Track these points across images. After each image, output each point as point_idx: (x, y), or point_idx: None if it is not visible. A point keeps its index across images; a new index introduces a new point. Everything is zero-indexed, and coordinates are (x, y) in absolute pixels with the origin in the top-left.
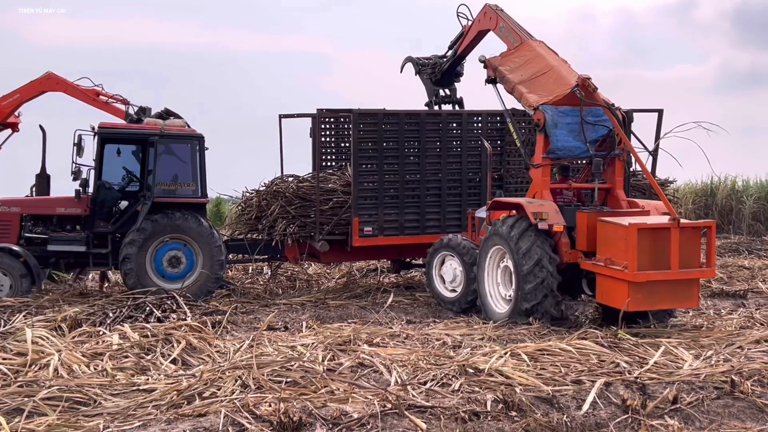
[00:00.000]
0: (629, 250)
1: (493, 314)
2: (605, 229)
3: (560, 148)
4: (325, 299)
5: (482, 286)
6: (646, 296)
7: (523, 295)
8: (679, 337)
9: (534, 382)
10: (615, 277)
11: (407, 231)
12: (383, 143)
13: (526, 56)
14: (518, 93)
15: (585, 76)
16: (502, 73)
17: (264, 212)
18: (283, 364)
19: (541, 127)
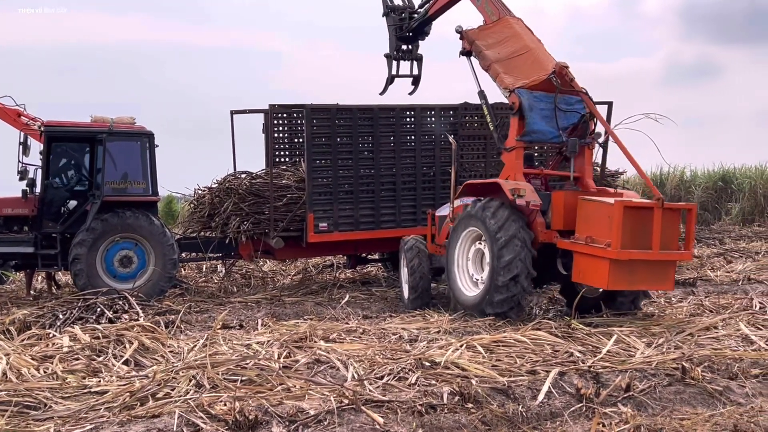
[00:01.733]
0: (613, 228)
1: (461, 298)
2: (587, 208)
3: (535, 131)
4: (280, 296)
5: (451, 271)
6: (626, 275)
7: (499, 270)
8: (631, 325)
9: (490, 373)
10: (595, 255)
11: (362, 226)
12: (337, 138)
13: (504, 33)
14: (494, 72)
15: (563, 63)
16: (479, 48)
17: (217, 210)
18: (238, 362)
19: (516, 110)
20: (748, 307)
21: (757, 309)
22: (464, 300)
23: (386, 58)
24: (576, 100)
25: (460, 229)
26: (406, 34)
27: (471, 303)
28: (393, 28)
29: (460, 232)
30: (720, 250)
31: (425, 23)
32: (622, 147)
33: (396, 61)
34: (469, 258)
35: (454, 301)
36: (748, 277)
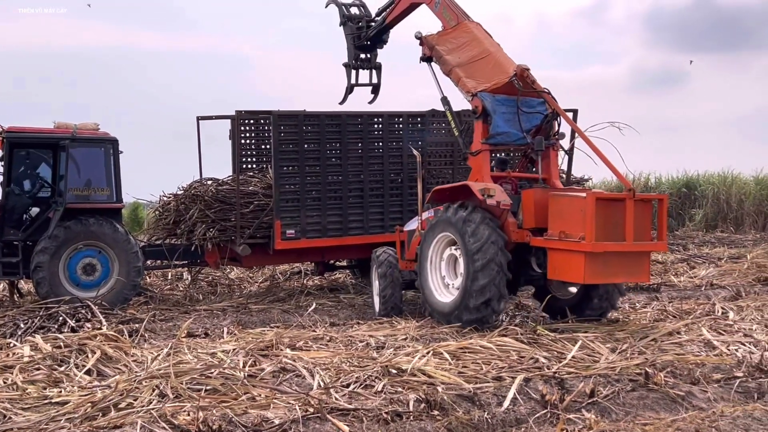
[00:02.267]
0: (587, 221)
1: (435, 305)
2: (559, 203)
3: (499, 133)
4: (247, 304)
5: (424, 277)
6: (602, 268)
7: (474, 275)
8: (595, 331)
9: (456, 380)
10: (570, 250)
11: (330, 233)
12: (304, 145)
13: (463, 38)
14: (456, 76)
15: (524, 66)
16: (439, 53)
17: (182, 217)
18: (202, 371)
19: (479, 114)
20: (710, 313)
21: (720, 314)
22: (436, 304)
23: (345, 68)
24: (538, 102)
25: (433, 234)
26: (365, 43)
27: (443, 309)
28: (351, 37)
29: (433, 236)
30: (683, 256)
31: (383, 31)
32: (590, 144)
33: (355, 70)
34: (442, 265)
35: (426, 303)
36: (711, 282)
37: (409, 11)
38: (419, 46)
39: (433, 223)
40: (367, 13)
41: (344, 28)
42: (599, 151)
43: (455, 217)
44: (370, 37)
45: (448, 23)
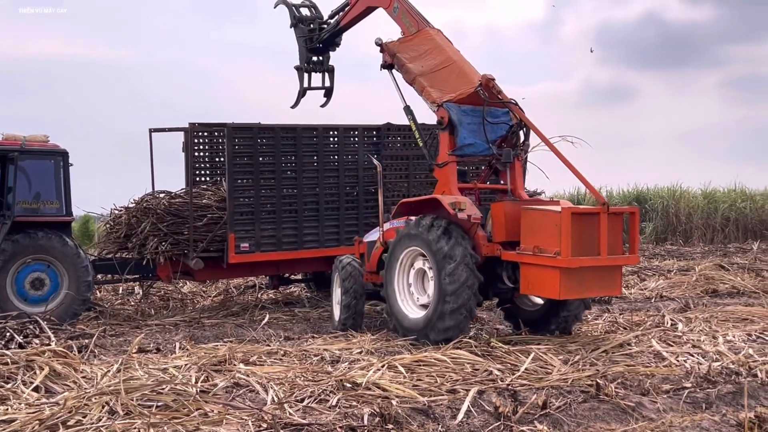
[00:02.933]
0: (563, 236)
1: (402, 320)
2: (532, 217)
3: (466, 144)
4: (200, 318)
5: (391, 291)
6: (577, 284)
7: (446, 297)
8: (548, 343)
9: (410, 393)
10: (545, 265)
11: (285, 246)
12: (259, 158)
13: (425, 45)
14: (419, 86)
15: (489, 76)
16: (401, 61)
17: (134, 230)
18: (153, 387)
19: (445, 125)
20: (660, 324)
21: (669, 326)
22: (403, 320)
23: (297, 71)
24: (502, 112)
25: (400, 248)
26: (317, 46)
27: (411, 325)
28: (302, 39)
29: (401, 250)
30: (634, 268)
31: (336, 34)
32: (559, 155)
33: (307, 73)
34: (410, 280)
35: (392, 318)
36: (661, 294)
37: (365, 15)
38: (380, 53)
39: (402, 236)
40: (319, 15)
41: (295, 29)
42: (571, 164)
43: (427, 232)
44: (323, 40)
45: (408, 29)
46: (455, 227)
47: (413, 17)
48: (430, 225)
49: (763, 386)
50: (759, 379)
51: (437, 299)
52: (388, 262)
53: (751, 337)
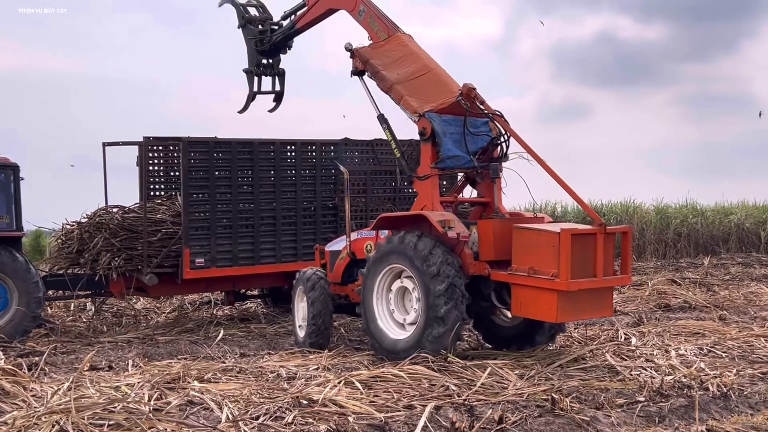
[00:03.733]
0: (562, 258)
1: (385, 341)
2: (525, 237)
3: (450, 157)
4: (153, 335)
5: (370, 311)
6: (573, 306)
7: (435, 318)
8: (504, 358)
9: (367, 409)
10: (541, 288)
11: (241, 262)
12: (215, 172)
13: (399, 51)
14: (397, 95)
15: (470, 85)
16: (375, 68)
17: (86, 245)
18: (105, 406)
19: (428, 136)
20: (614, 339)
21: (623, 340)
22: (384, 341)
23: (246, 74)
24: (481, 122)
25: (380, 265)
26: (267, 48)
27: (394, 346)
28: (252, 41)
29: (381, 268)
30: None
31: (291, 36)
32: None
33: (257, 76)
34: (391, 292)
35: (374, 343)
36: (615, 309)
37: (325, 17)
38: (350, 58)
39: (383, 252)
40: (268, 15)
41: (243, 31)
42: (563, 182)
43: (413, 250)
44: (275, 42)
45: (377, 34)
46: (441, 244)
47: (382, 22)
48: (416, 242)
49: (714, 399)
50: (710, 392)
51: (425, 320)
52: (366, 278)
53: (703, 350)
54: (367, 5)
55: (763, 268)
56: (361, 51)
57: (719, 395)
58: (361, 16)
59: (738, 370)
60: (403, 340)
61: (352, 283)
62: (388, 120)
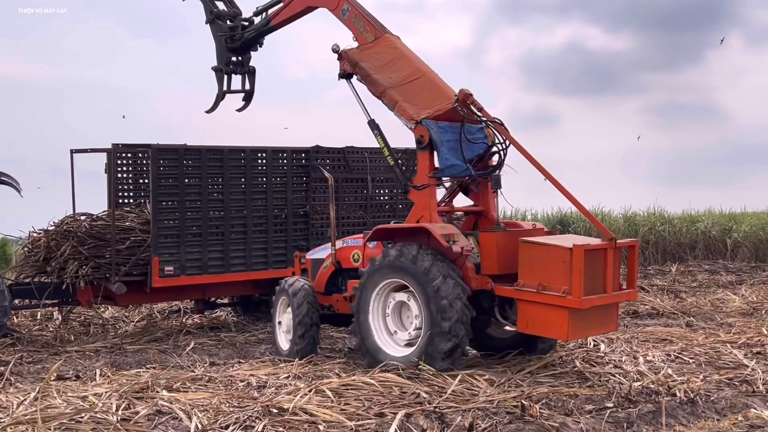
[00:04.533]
0: (575, 275)
1: (384, 359)
2: (533, 251)
3: (448, 166)
4: (122, 344)
5: (366, 326)
6: (582, 323)
7: (439, 335)
8: (474, 365)
9: (338, 418)
10: (551, 305)
11: (211, 270)
12: (185, 179)
13: (388, 54)
14: (390, 100)
15: (466, 91)
16: (366, 71)
17: (53, 253)
18: (72, 416)
19: (426, 144)
20: (583, 345)
21: (592, 346)
22: (384, 359)
23: (215, 72)
24: (477, 129)
25: (375, 279)
26: (238, 45)
27: (397, 361)
28: (222, 37)
29: (376, 282)
30: None
31: (264, 33)
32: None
33: (227, 75)
34: (388, 308)
35: (371, 360)
36: None
37: (303, 14)
38: (337, 60)
39: (380, 266)
40: (236, 9)
41: (212, 26)
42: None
43: (413, 264)
44: (247, 39)
45: (363, 35)
46: (443, 258)
47: (368, 22)
48: (416, 256)
49: (681, 405)
50: (678, 398)
51: (428, 337)
52: (362, 292)
53: (670, 356)
54: (351, 4)
55: (729, 275)
56: (349, 53)
57: (686, 401)
58: (344, 15)
59: (705, 375)
60: (403, 357)
61: (337, 293)
62: (379, 125)
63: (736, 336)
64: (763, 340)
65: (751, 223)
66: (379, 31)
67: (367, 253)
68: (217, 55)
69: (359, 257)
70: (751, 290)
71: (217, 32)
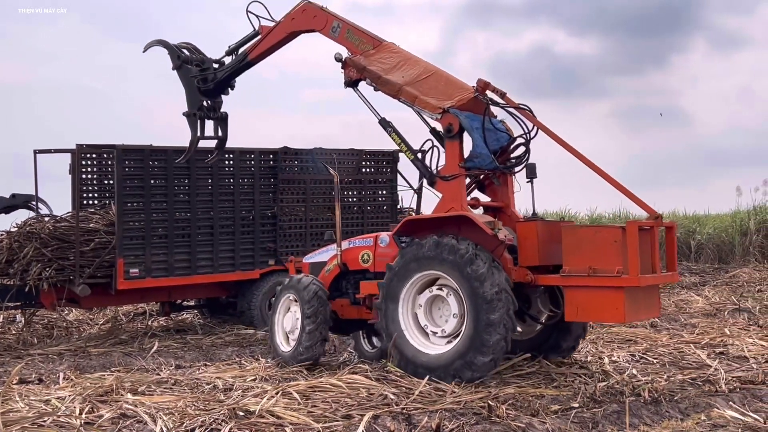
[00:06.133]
0: (630, 252)
1: (415, 357)
2: (580, 235)
3: (478, 155)
4: (86, 347)
5: (395, 325)
6: (635, 305)
7: (486, 329)
8: None
9: (305, 420)
10: (606, 287)
11: (177, 272)
12: (150, 180)
13: (394, 57)
14: (409, 96)
15: (484, 80)
16: (376, 74)
17: (16, 255)
18: (34, 420)
19: (455, 133)
20: None
21: None
22: (417, 357)
23: (187, 118)
24: (496, 121)
25: (406, 273)
26: (212, 87)
27: (431, 362)
28: (193, 80)
29: (412, 273)
30: None
31: (240, 71)
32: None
33: (200, 120)
34: (419, 304)
35: (401, 359)
36: None
37: (286, 42)
38: (341, 69)
39: (411, 258)
40: (202, 55)
41: (180, 71)
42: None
43: (456, 256)
44: (221, 79)
45: (359, 47)
46: (483, 249)
47: (363, 33)
48: (457, 247)
49: (645, 405)
50: (642, 398)
51: (473, 332)
52: (389, 289)
53: (635, 357)
54: (340, 20)
55: (693, 277)
56: (354, 59)
57: (650, 401)
58: (335, 32)
59: (669, 376)
60: (442, 354)
61: (339, 297)
62: (391, 122)
63: (700, 336)
64: (725, 340)
65: (715, 225)
66: (377, 40)
67: (379, 253)
68: (188, 101)
69: (369, 257)
70: (714, 291)
71: (188, 75)
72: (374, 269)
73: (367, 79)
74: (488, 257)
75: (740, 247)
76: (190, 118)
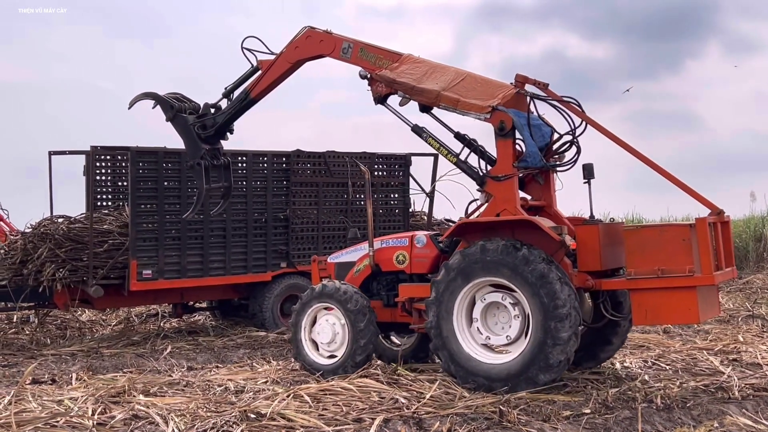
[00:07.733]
0: (702, 250)
1: (475, 368)
2: (644, 237)
3: (530, 153)
4: (98, 348)
5: (449, 335)
6: (704, 304)
7: (557, 337)
8: None
9: (316, 423)
10: (677, 287)
11: (190, 273)
12: (164, 182)
13: (421, 67)
14: (450, 101)
15: (522, 75)
16: (408, 85)
17: (30, 256)
18: (47, 420)
19: (507, 131)
20: None
21: None
22: (477, 368)
23: (192, 170)
24: (536, 118)
25: (462, 280)
26: (213, 133)
27: (493, 373)
28: (192, 127)
29: (463, 284)
30: None
31: (242, 112)
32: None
33: (205, 170)
34: (475, 313)
35: (457, 369)
36: None
37: (290, 73)
38: (368, 86)
39: (469, 262)
40: (194, 103)
41: (174, 122)
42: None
43: (524, 262)
44: (223, 123)
45: (376, 64)
46: (553, 260)
47: (378, 49)
48: (525, 253)
49: (658, 411)
50: (654, 404)
51: (541, 339)
52: (441, 294)
53: (647, 363)
54: (350, 40)
55: None
56: (381, 74)
57: (663, 407)
58: (347, 53)
59: (681, 382)
60: (504, 364)
61: (371, 299)
62: (426, 128)
63: (713, 343)
64: (738, 347)
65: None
66: (395, 54)
67: (415, 254)
68: (189, 151)
69: (405, 258)
70: (727, 297)
71: (184, 124)
72: (410, 270)
73: (398, 92)
74: (561, 272)
75: (754, 253)
76: (195, 168)
